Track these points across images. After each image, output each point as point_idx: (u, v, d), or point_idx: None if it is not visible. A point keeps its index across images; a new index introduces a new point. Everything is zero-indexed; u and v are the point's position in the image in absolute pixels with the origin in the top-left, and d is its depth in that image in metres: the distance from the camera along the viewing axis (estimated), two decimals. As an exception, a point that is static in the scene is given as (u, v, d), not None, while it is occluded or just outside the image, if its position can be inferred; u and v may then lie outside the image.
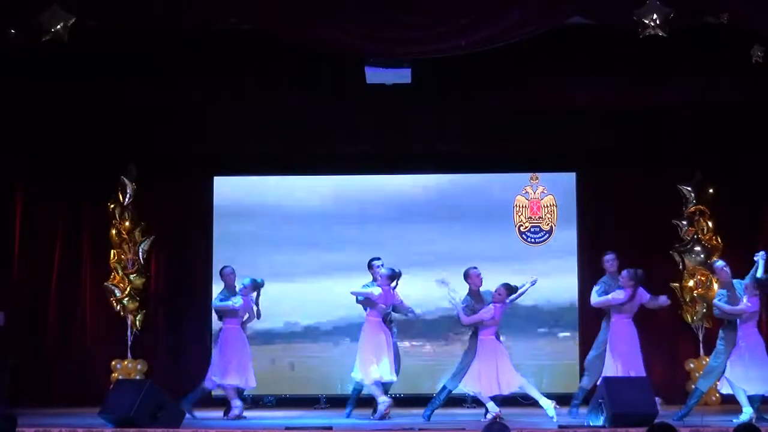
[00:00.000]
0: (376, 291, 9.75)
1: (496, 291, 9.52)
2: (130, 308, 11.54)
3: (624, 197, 11.73)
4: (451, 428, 8.95)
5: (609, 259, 9.96)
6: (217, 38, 9.94)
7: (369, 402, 9.94)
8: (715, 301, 9.46)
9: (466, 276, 9.84)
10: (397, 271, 9.79)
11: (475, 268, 9.91)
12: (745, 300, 9.18)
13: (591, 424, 8.40)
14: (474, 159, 11.88)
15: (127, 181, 11.65)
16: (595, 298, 9.76)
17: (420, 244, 11.77)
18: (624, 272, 9.62)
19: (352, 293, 9.98)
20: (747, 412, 8.89)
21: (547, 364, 11.48)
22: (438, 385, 11.38)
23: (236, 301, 10.08)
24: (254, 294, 10.23)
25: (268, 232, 11.89)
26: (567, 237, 11.80)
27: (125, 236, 11.62)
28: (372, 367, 9.63)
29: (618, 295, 9.52)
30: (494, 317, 9.48)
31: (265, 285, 10.28)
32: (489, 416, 9.39)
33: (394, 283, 9.78)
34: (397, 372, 9.92)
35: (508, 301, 9.54)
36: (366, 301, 9.88)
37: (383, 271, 9.84)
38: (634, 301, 9.58)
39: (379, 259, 10.13)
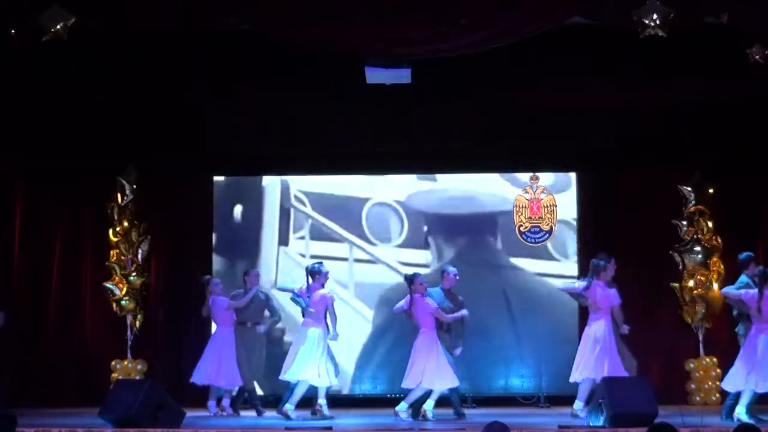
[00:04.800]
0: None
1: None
2: (129, 308, 11.53)
3: (624, 197, 11.73)
4: (450, 428, 8.95)
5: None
6: (218, 38, 9.94)
7: (365, 402, 9.99)
8: None
9: (443, 274, 9.96)
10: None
11: (454, 267, 10.08)
12: None
13: (591, 424, 8.40)
14: (474, 159, 11.89)
15: (124, 182, 11.64)
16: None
17: (420, 244, 11.79)
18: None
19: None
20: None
21: (547, 365, 11.46)
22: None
23: None
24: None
25: (267, 232, 11.89)
26: (567, 237, 11.80)
27: (122, 237, 11.61)
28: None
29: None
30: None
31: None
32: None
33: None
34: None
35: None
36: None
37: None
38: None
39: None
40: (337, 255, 12.01)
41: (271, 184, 12.20)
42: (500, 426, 5.17)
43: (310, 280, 9.81)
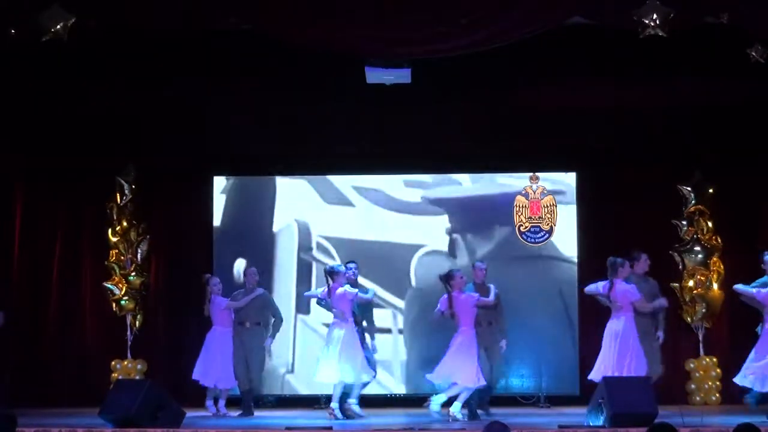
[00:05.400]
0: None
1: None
2: (129, 308, 11.53)
3: (624, 197, 11.73)
4: (450, 428, 8.95)
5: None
6: (217, 38, 9.94)
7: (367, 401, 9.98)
8: None
9: (473, 270, 10.05)
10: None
11: (481, 262, 10.17)
12: None
13: (591, 424, 8.40)
14: (474, 159, 11.88)
15: (123, 182, 11.64)
16: None
17: (420, 244, 11.81)
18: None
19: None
20: None
21: (547, 364, 11.46)
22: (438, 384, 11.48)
23: None
24: None
25: (267, 232, 11.88)
26: (567, 237, 11.80)
27: (121, 237, 11.61)
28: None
29: None
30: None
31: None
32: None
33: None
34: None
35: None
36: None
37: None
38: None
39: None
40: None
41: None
42: (500, 426, 5.16)
43: (330, 282, 9.78)
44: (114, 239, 11.62)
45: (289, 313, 11.23)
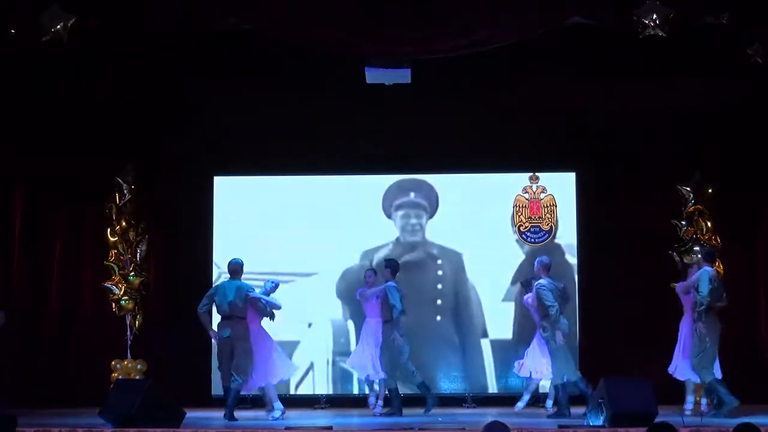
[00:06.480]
0: None
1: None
2: (128, 308, 11.51)
3: (624, 197, 11.72)
4: (451, 428, 8.95)
5: None
6: (217, 38, 9.94)
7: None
8: None
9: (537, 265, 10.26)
10: None
11: (541, 257, 10.28)
12: None
13: (591, 424, 8.40)
14: (474, 159, 11.88)
15: (122, 182, 11.63)
16: None
17: (420, 244, 11.81)
18: None
19: None
20: None
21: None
22: (438, 384, 11.46)
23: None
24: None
25: (267, 232, 11.87)
26: (567, 237, 11.79)
27: (120, 237, 11.60)
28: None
29: None
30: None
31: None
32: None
33: None
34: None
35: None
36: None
37: None
38: None
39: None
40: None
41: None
42: (500, 426, 5.17)
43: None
44: (113, 239, 11.60)
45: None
